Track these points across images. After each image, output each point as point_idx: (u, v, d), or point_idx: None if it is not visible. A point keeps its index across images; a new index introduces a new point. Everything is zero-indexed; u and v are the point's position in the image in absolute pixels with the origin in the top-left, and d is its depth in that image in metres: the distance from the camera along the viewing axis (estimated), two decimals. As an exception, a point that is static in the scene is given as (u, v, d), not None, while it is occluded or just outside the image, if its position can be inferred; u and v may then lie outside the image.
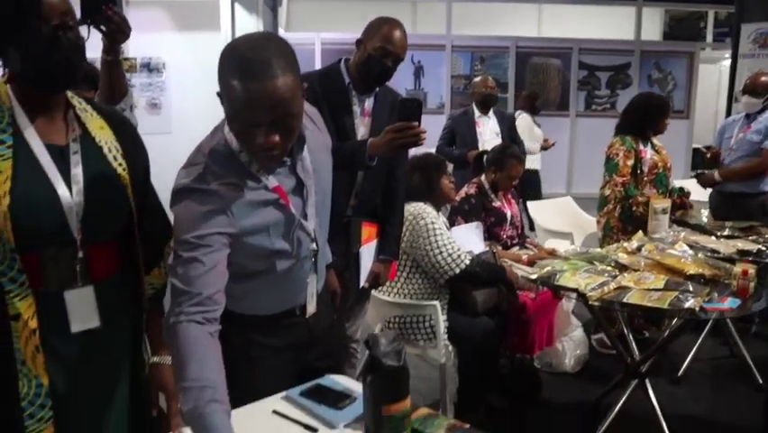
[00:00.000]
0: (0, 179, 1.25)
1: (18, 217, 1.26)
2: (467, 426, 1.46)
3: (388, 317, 2.90)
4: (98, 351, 1.41)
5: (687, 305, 2.30)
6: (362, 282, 2.51)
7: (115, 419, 1.46)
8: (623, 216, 3.75)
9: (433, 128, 2.65)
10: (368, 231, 2.49)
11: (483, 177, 3.55)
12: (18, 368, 1.32)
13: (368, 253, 2.50)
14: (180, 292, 1.35)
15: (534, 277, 2.72)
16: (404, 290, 2.94)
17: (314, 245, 1.61)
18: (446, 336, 2.84)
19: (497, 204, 3.48)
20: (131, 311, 1.49)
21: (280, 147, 1.38)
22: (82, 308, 1.36)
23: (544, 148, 6.51)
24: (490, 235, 3.44)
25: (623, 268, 2.75)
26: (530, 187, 6.35)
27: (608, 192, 3.76)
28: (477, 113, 4.63)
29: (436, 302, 2.81)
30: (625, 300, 2.38)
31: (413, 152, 2.63)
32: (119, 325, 1.45)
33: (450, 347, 2.84)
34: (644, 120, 3.76)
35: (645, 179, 3.77)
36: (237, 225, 1.43)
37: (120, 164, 1.44)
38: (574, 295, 2.59)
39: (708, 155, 4.27)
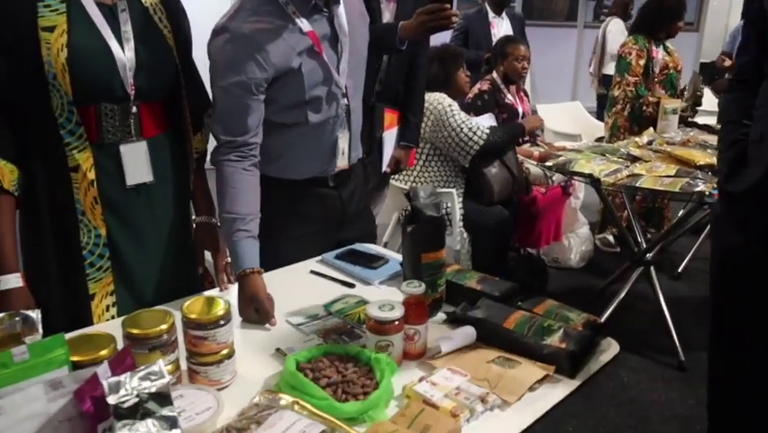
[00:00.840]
0: (57, 33, 1.29)
1: (75, 70, 1.31)
2: (496, 278, 1.57)
3: (405, 205, 2.98)
4: (150, 206, 1.49)
5: (697, 189, 2.39)
6: (384, 167, 2.58)
7: (165, 273, 1.55)
8: (631, 116, 3.79)
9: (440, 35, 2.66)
10: (390, 117, 2.54)
11: (494, 74, 3.56)
12: (78, 218, 1.40)
13: (390, 139, 2.56)
14: (219, 137, 1.56)
15: (549, 164, 2.79)
16: (420, 178, 3.02)
17: (345, 101, 1.67)
18: (461, 224, 2.94)
19: (509, 100, 3.51)
20: (178, 170, 1.56)
21: None
22: (136, 162, 1.43)
23: None
24: (503, 132, 3.49)
25: (634, 159, 2.82)
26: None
27: (617, 92, 3.79)
28: (491, 13, 4.55)
29: (453, 190, 2.90)
30: (637, 185, 2.46)
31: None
32: (168, 182, 1.52)
33: (464, 235, 2.95)
34: (657, 19, 3.74)
35: (656, 79, 3.79)
36: (269, 70, 1.51)
37: (165, 26, 1.48)
38: (587, 180, 2.67)
39: (727, 63, 4.23)
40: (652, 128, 3.47)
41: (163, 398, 0.87)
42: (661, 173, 2.56)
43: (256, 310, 1.43)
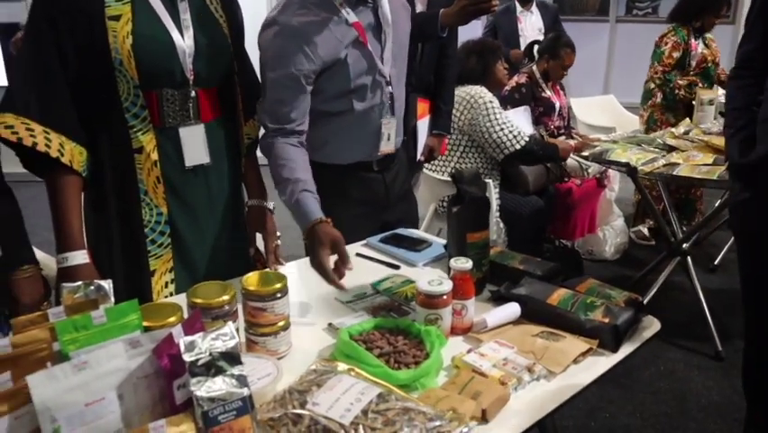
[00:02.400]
0: (122, 21, 1.37)
1: (140, 56, 1.38)
2: (538, 259, 1.61)
3: (442, 195, 3.02)
4: (207, 187, 1.56)
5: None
6: (419, 156, 2.62)
7: (219, 252, 1.62)
8: (665, 105, 3.79)
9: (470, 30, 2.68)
10: (422, 107, 2.59)
11: (534, 66, 3.58)
12: (141, 197, 1.48)
13: (423, 128, 2.61)
14: (268, 126, 1.62)
15: (585, 154, 2.81)
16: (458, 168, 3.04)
17: (389, 89, 1.72)
18: (498, 215, 2.98)
19: (546, 94, 3.53)
20: (232, 154, 1.63)
21: None
22: (194, 145, 1.50)
23: None
24: (538, 124, 3.51)
25: (671, 149, 2.83)
26: None
27: (652, 85, 3.80)
28: (519, 8, 4.56)
29: (489, 181, 2.93)
30: (675, 174, 2.47)
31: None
32: (223, 165, 1.59)
33: (501, 225, 2.98)
34: (699, 11, 3.72)
35: (692, 72, 3.78)
36: (317, 62, 1.58)
37: (221, 15, 1.55)
38: (623, 169, 2.69)
39: None
40: (688, 118, 3.47)
41: (233, 357, 0.93)
42: (698, 162, 2.57)
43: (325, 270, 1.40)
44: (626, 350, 1.30)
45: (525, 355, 1.22)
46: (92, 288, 1.13)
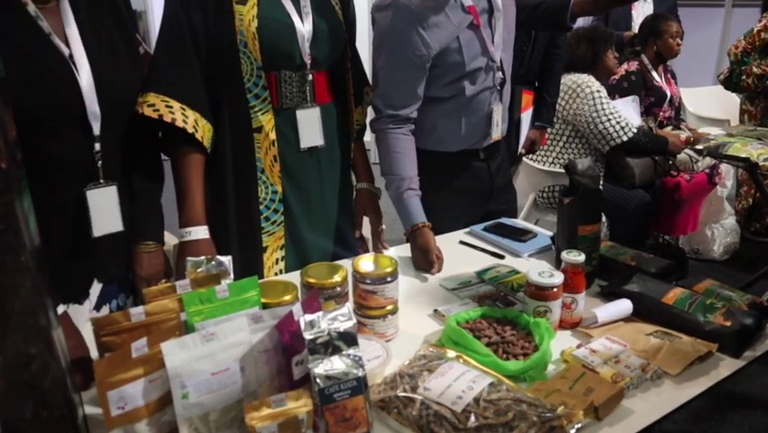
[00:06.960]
0: (248, 6, 1.42)
1: (263, 39, 1.43)
2: (651, 255, 1.55)
3: (542, 186, 2.96)
4: (319, 168, 1.60)
5: None
6: (520, 148, 2.58)
7: (328, 233, 1.66)
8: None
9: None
10: (526, 98, 2.54)
11: (643, 55, 3.42)
12: (258, 175, 1.53)
13: (526, 120, 2.56)
14: (382, 110, 1.65)
15: (699, 147, 2.68)
16: (560, 159, 2.98)
17: (500, 74, 1.70)
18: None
19: (658, 82, 3.36)
20: (343, 138, 1.66)
21: None
22: (310, 127, 1.54)
23: None
24: (648, 114, 3.36)
25: (796, 145, 2.64)
26: None
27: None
28: None
29: (593, 172, 2.84)
30: (802, 171, 2.31)
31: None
32: (334, 148, 1.63)
33: (603, 218, 2.88)
34: None
35: None
36: (434, 47, 1.58)
37: (336, 3, 1.58)
38: (742, 165, 2.53)
39: None
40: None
41: (350, 338, 0.95)
42: (828, 160, 2.39)
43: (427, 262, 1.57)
44: (748, 356, 1.23)
45: (639, 354, 1.18)
46: (213, 263, 1.18)
